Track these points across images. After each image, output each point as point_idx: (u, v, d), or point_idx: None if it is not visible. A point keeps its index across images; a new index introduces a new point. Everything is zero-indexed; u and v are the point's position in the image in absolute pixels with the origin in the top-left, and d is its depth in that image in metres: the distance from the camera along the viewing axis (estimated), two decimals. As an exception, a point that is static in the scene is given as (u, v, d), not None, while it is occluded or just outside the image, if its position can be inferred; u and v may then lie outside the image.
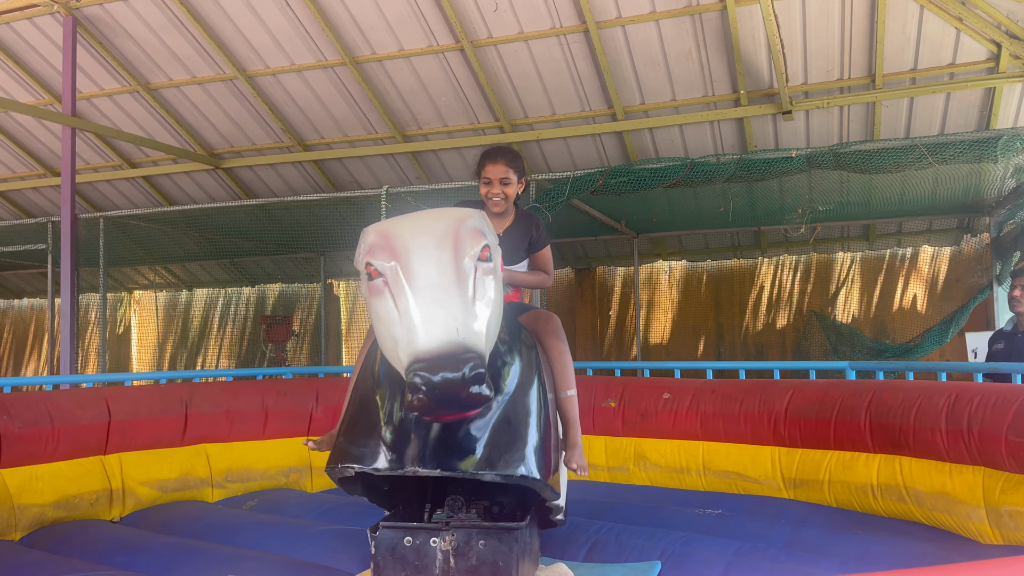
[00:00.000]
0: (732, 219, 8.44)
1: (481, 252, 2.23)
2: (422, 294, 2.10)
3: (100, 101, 9.51)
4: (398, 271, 2.16)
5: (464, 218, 2.28)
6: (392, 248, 2.17)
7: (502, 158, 3.18)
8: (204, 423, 4.79)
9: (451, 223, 2.24)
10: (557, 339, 2.90)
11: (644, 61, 7.74)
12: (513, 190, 3.20)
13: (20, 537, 3.85)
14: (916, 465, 3.65)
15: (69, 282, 7.81)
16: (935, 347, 7.79)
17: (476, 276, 2.21)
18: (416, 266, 2.14)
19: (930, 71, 7.35)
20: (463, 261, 2.18)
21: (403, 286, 2.13)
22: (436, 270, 2.14)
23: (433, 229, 2.21)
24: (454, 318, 2.08)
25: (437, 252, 2.15)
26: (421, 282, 2.12)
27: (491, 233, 2.36)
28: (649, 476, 4.76)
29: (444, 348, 2.01)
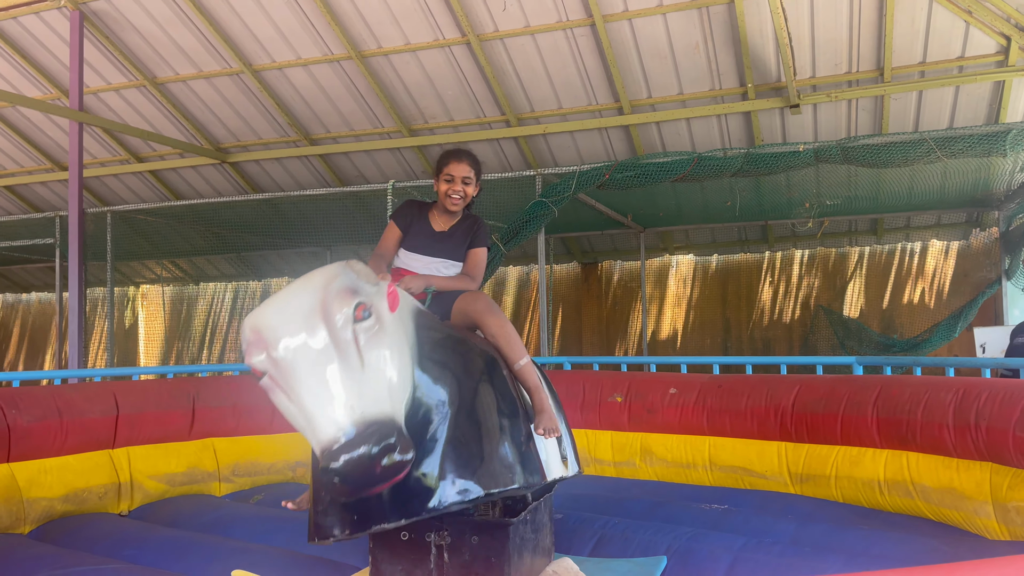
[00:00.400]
0: (739, 213, 8.41)
1: (356, 313, 2.10)
2: (307, 384, 2.01)
3: (107, 95, 9.53)
4: (277, 367, 2.06)
5: (329, 281, 2.13)
6: (265, 342, 2.06)
7: (467, 159, 3.22)
8: (211, 417, 4.80)
9: (316, 294, 2.10)
10: (491, 316, 2.83)
11: (651, 55, 7.71)
12: (472, 190, 3.25)
13: (29, 530, 3.87)
14: (923, 461, 3.64)
15: (77, 276, 7.83)
16: (943, 342, 7.77)
17: (358, 341, 2.09)
18: (292, 357, 2.03)
19: (939, 64, 7.30)
20: (338, 335, 2.05)
21: (287, 381, 2.04)
22: (312, 356, 2.02)
23: (299, 310, 2.07)
24: (345, 398, 1.99)
25: (308, 336, 2.03)
26: (302, 372, 2.02)
27: (365, 279, 2.21)
28: (655, 471, 4.75)
29: (344, 432, 1.95)
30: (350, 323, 2.07)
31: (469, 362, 2.62)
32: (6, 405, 3.86)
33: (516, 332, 2.86)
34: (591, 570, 3.07)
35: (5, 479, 3.79)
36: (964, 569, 1.06)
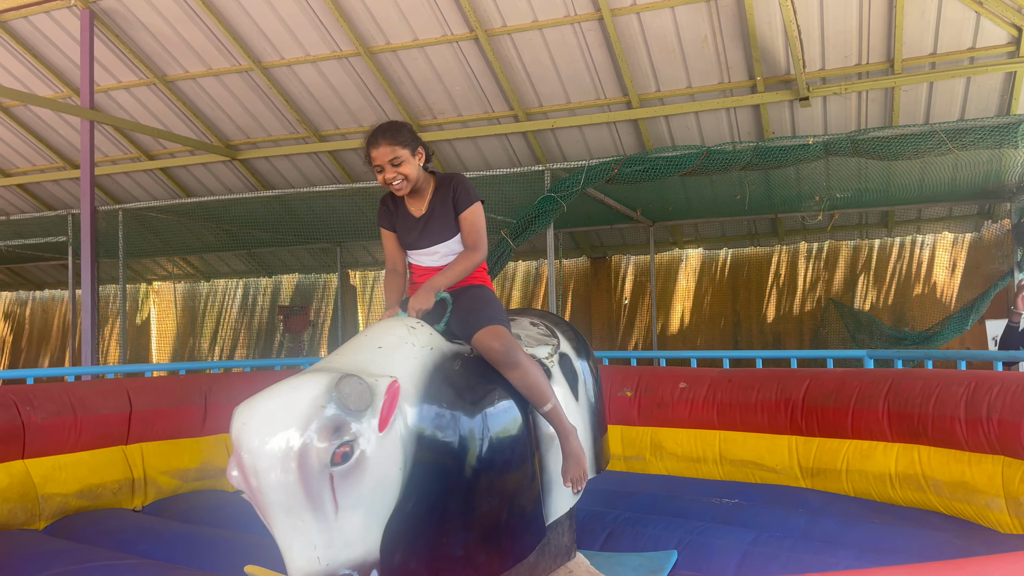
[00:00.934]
0: (749, 207, 8.39)
1: (335, 457, 1.99)
2: (277, 523, 2.00)
3: (118, 94, 9.58)
4: (252, 495, 2.04)
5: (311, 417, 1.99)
6: (243, 470, 2.02)
7: (382, 138, 2.77)
8: (224, 413, 4.82)
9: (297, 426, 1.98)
10: (510, 368, 2.60)
11: (659, 48, 7.69)
12: (410, 167, 2.79)
13: (45, 526, 3.91)
14: (935, 454, 3.63)
15: (89, 274, 7.89)
16: (955, 335, 7.73)
17: (334, 486, 2.00)
18: (266, 494, 1.99)
19: (950, 55, 7.25)
20: (311, 481, 1.97)
21: (261, 511, 2.04)
22: (285, 496, 1.97)
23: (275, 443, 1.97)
24: (312, 546, 1.98)
25: (283, 475, 1.96)
26: (273, 510, 1.99)
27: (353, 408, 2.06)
28: (665, 465, 4.76)
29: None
30: (327, 469, 1.98)
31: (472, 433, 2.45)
32: (21, 402, 3.90)
33: (540, 374, 2.67)
34: (602, 564, 3.08)
35: (20, 475, 3.83)
36: (976, 564, 1.06)
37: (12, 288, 14.68)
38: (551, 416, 2.70)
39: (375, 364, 2.30)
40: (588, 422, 3.13)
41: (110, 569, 2.95)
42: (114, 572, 2.91)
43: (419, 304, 2.68)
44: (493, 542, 2.47)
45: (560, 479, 2.77)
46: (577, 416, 3.01)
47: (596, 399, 3.27)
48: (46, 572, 3.00)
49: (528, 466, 2.63)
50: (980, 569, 1.03)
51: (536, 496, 2.66)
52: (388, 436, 2.15)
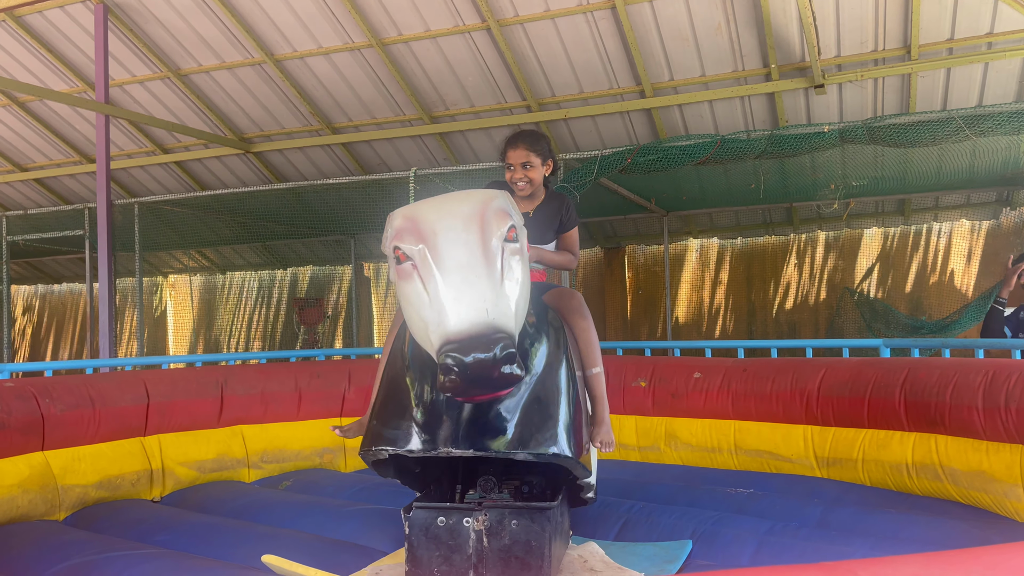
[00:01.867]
0: (763, 196, 8.34)
1: (508, 232, 2.22)
2: (451, 276, 2.09)
3: (132, 88, 9.63)
4: (426, 254, 2.14)
5: (490, 199, 2.27)
6: (419, 231, 2.16)
7: (522, 143, 3.17)
8: (239, 405, 4.87)
9: (477, 204, 2.23)
10: (582, 317, 2.89)
11: (672, 36, 7.64)
12: (537, 173, 3.19)
13: (64, 517, 3.96)
14: (952, 443, 3.61)
15: (106, 267, 7.95)
16: (973, 323, 7.64)
17: (503, 256, 2.19)
18: (444, 248, 2.13)
19: (967, 41, 7.16)
20: (490, 242, 2.17)
21: (431, 269, 2.12)
22: (464, 252, 2.12)
23: (460, 211, 2.20)
24: (483, 299, 2.07)
25: (464, 234, 2.14)
26: (450, 264, 2.10)
27: (517, 214, 2.35)
28: (680, 455, 4.75)
29: (475, 329, 2.01)
30: (501, 239, 2.19)
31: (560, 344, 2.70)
32: (40, 394, 3.94)
33: (598, 340, 2.91)
34: (616, 554, 3.08)
35: (40, 467, 3.87)
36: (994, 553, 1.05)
37: (30, 282, 14.83)
38: (597, 380, 2.89)
39: None
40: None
41: (129, 559, 2.98)
42: (133, 562, 2.94)
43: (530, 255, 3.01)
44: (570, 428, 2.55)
45: None
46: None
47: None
48: (66, 562, 3.04)
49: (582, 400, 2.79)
50: (998, 557, 1.02)
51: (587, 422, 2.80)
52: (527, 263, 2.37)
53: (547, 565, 2.55)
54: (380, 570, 2.93)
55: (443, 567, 2.56)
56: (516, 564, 2.54)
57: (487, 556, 2.55)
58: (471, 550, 2.55)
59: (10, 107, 10.34)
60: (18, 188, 12.11)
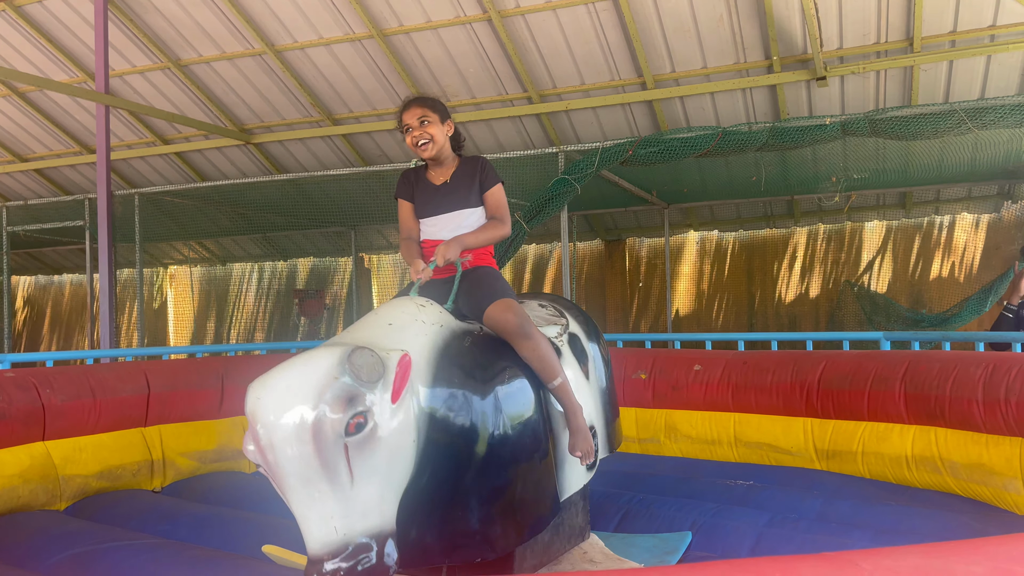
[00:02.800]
0: (765, 188, 8.32)
1: (349, 427, 2.01)
2: (294, 495, 2.01)
3: (132, 78, 9.61)
4: (268, 469, 2.06)
5: (324, 388, 2.01)
6: (259, 444, 2.04)
7: (415, 103, 3.01)
8: (240, 396, 4.84)
9: (310, 398, 2.00)
10: (522, 339, 2.66)
11: (674, 28, 7.61)
12: (437, 129, 2.98)
13: (65, 507, 3.97)
14: (952, 436, 3.61)
15: (107, 258, 7.94)
16: (973, 316, 7.66)
17: (348, 457, 2.02)
18: (281, 467, 2.00)
19: (970, 33, 7.14)
20: (326, 452, 1.99)
21: (277, 484, 2.06)
22: (301, 467, 1.99)
23: (292, 420, 1.99)
24: (329, 516, 1.99)
25: (298, 447, 1.97)
26: (291, 482, 2.00)
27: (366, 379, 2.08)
28: (680, 447, 4.76)
29: (328, 548, 1.97)
30: (341, 439, 2.00)
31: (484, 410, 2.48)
32: (41, 384, 3.94)
33: (550, 349, 2.73)
34: (617, 545, 3.09)
35: (41, 457, 3.88)
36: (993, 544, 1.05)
37: (31, 272, 14.83)
38: (559, 391, 2.73)
39: (387, 340, 2.33)
40: (599, 402, 3.14)
41: (130, 549, 2.98)
42: (134, 552, 2.95)
43: (449, 253, 2.77)
44: (508, 517, 2.48)
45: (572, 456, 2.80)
46: (588, 396, 3.02)
47: (607, 381, 3.28)
48: (67, 552, 3.04)
49: (542, 442, 2.65)
50: (997, 549, 1.02)
51: (550, 471, 2.69)
52: (400, 409, 2.18)
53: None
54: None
55: None
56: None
57: None
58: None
59: (10, 97, 10.32)
60: (18, 178, 12.10)
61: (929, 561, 0.97)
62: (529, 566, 2.76)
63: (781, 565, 0.96)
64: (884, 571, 0.93)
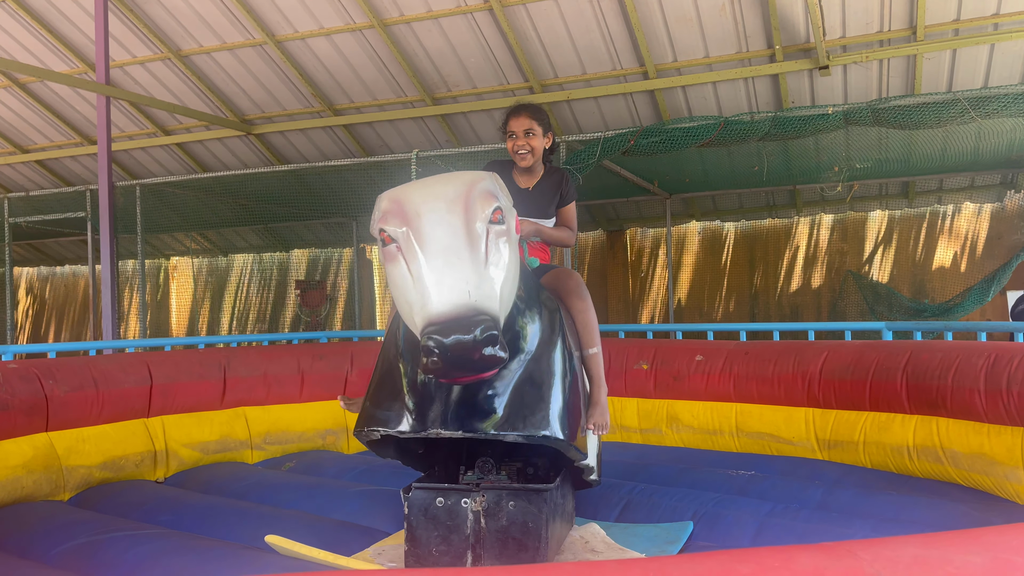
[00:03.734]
0: (767, 178, 8.31)
1: (493, 215, 2.20)
2: (433, 258, 2.09)
3: (133, 69, 9.59)
4: (410, 236, 2.14)
5: (475, 181, 2.26)
6: (404, 214, 2.17)
7: (525, 111, 3.18)
8: (242, 387, 4.88)
9: (462, 187, 2.22)
10: (579, 298, 2.86)
11: (676, 17, 7.58)
12: (539, 142, 3.18)
13: (69, 497, 3.98)
14: (953, 426, 3.61)
15: (108, 249, 7.94)
16: (976, 306, 7.65)
17: (488, 239, 2.18)
18: (427, 231, 2.12)
19: (974, 22, 7.10)
20: (474, 224, 2.16)
21: (415, 251, 2.12)
22: (447, 234, 2.12)
23: (444, 193, 2.19)
24: (466, 280, 2.06)
25: (448, 216, 2.13)
26: (432, 247, 2.10)
27: (504, 196, 2.33)
28: (682, 438, 4.76)
29: (456, 311, 2.01)
30: (486, 222, 2.18)
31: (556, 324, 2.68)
32: (43, 376, 3.95)
33: (597, 320, 2.88)
34: (618, 535, 3.09)
35: (44, 448, 3.89)
36: (994, 534, 1.05)
37: (33, 264, 14.84)
38: (594, 360, 2.86)
39: None
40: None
41: (133, 539, 3.00)
42: (137, 542, 2.96)
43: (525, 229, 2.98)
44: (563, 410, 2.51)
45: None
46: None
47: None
48: (71, 542, 3.06)
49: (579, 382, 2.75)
50: (998, 539, 1.02)
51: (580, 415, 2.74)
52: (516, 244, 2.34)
53: (544, 546, 2.56)
54: (382, 550, 2.95)
55: (441, 547, 2.58)
56: (513, 545, 2.56)
57: (485, 536, 2.57)
58: (469, 530, 2.57)
59: (11, 88, 10.30)
60: (20, 170, 12.10)
61: (929, 551, 0.97)
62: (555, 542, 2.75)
63: (782, 555, 0.96)
64: (884, 561, 0.93)
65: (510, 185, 3.21)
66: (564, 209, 3.29)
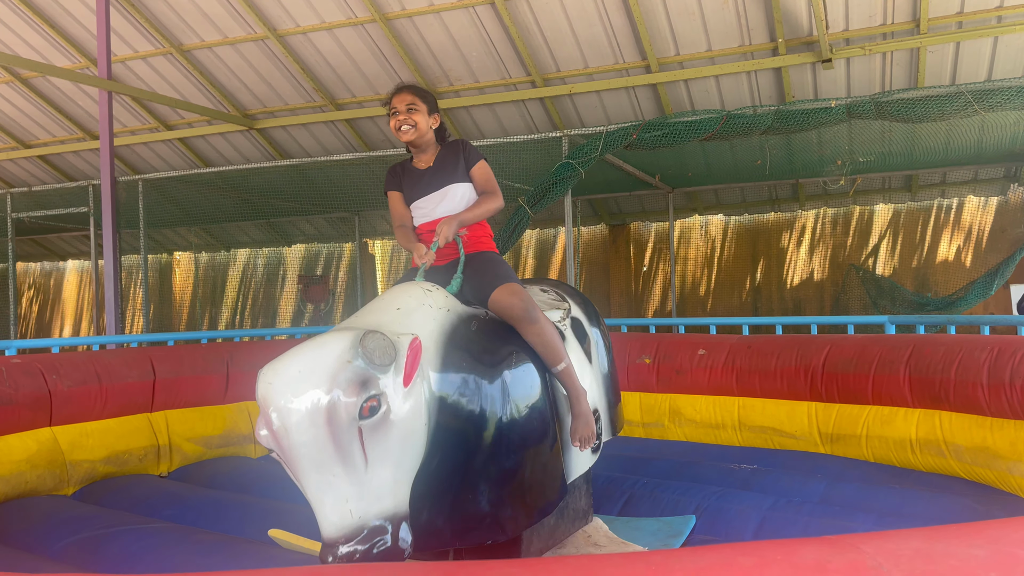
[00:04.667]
0: (770, 172, 8.28)
1: (363, 410, 2.01)
2: (308, 479, 2.00)
3: (135, 64, 9.58)
4: (282, 454, 2.04)
5: (337, 371, 2.01)
6: (271, 428, 2.03)
7: (407, 89, 3.06)
8: (245, 381, 4.89)
9: (323, 382, 1.99)
10: (527, 323, 2.68)
11: (679, 10, 7.56)
12: (422, 118, 3.02)
13: (73, 492, 3.99)
14: (956, 420, 3.61)
15: (111, 244, 7.95)
16: (979, 300, 7.64)
17: (363, 439, 2.03)
18: (295, 452, 2.00)
19: (977, 14, 7.07)
20: (341, 434, 1.99)
21: (292, 469, 2.05)
22: (313, 452, 1.98)
23: (305, 404, 1.98)
24: (344, 499, 1.99)
25: (312, 431, 1.97)
26: (304, 466, 2.00)
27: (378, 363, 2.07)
28: (684, 432, 4.76)
29: (344, 532, 1.98)
30: (355, 422, 2.00)
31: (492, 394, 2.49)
32: (47, 371, 3.96)
33: (555, 334, 2.75)
34: (621, 529, 3.10)
35: (48, 442, 3.90)
36: (996, 527, 1.05)
37: (36, 259, 14.86)
38: (564, 376, 2.76)
39: (396, 324, 2.33)
40: (602, 386, 3.14)
41: (137, 533, 3.01)
42: (141, 536, 2.97)
43: (447, 232, 2.80)
44: (517, 500, 2.50)
45: None
46: (591, 380, 3.03)
47: (609, 366, 3.28)
48: (75, 536, 3.07)
49: (549, 426, 2.66)
50: (1000, 532, 1.02)
51: (558, 455, 2.70)
52: (412, 393, 2.18)
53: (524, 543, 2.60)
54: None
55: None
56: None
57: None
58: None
59: (13, 83, 10.30)
60: (22, 165, 12.10)
61: (931, 545, 0.97)
62: (536, 549, 2.77)
63: (784, 548, 0.97)
64: (886, 554, 0.93)
65: (412, 174, 3.10)
66: (474, 170, 3.06)
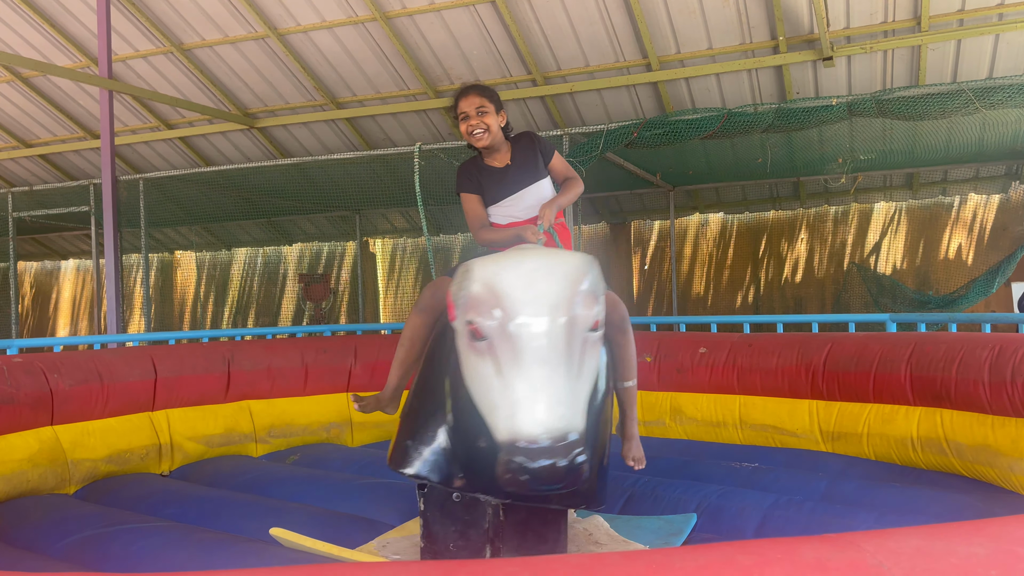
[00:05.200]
0: (770, 170, 8.28)
1: (593, 323, 2.00)
2: (529, 371, 1.90)
3: (135, 63, 9.58)
4: (507, 341, 1.94)
5: (579, 278, 2.00)
6: (503, 311, 1.94)
7: (473, 91, 3.03)
8: (246, 380, 4.89)
9: (567, 288, 1.97)
10: (622, 332, 2.69)
11: (679, 9, 7.55)
12: (493, 120, 3.01)
13: (75, 490, 4.00)
14: (957, 418, 3.61)
15: (112, 243, 7.95)
16: (980, 298, 7.64)
17: (584, 350, 2.00)
18: (527, 340, 1.92)
19: (978, 12, 7.06)
20: (576, 339, 1.96)
21: (511, 358, 1.94)
22: (547, 346, 1.92)
23: (548, 295, 1.95)
24: (560, 401, 1.88)
25: (551, 326, 1.92)
26: (529, 358, 1.91)
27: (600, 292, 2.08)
28: (685, 430, 4.76)
29: (547, 434, 1.84)
30: (585, 331, 1.98)
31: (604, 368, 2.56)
32: (48, 370, 3.96)
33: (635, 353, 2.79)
34: (621, 527, 3.10)
35: (50, 441, 3.91)
36: (997, 525, 1.05)
37: (37, 258, 14.87)
38: (629, 393, 2.79)
39: None
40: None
41: (139, 532, 3.01)
42: (143, 535, 2.98)
43: (549, 217, 2.82)
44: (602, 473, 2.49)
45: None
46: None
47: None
48: (77, 535, 3.07)
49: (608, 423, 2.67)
50: (1001, 530, 1.02)
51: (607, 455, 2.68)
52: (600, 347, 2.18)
53: (564, 537, 2.56)
54: (387, 543, 2.96)
55: (459, 542, 2.54)
56: (533, 537, 2.54)
57: (504, 529, 2.52)
58: (487, 524, 2.51)
59: (14, 82, 10.30)
60: (23, 164, 12.11)
61: (933, 543, 0.97)
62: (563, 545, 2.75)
63: (785, 547, 0.96)
64: (887, 553, 0.93)
65: (489, 174, 3.07)
66: (553, 163, 3.13)
